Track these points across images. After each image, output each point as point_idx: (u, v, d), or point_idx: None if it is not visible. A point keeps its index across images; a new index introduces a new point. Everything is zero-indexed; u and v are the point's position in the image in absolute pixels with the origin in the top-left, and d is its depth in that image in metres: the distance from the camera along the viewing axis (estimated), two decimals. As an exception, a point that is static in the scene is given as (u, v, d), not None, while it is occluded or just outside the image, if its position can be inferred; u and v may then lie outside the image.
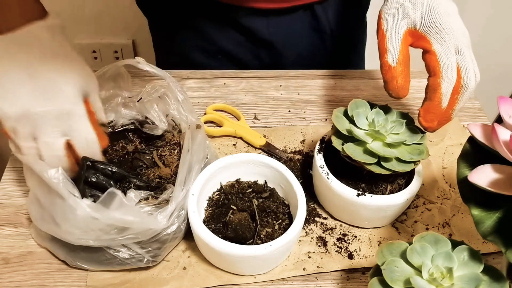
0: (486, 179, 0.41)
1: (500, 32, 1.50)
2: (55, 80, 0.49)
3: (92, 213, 0.48)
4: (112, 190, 0.49)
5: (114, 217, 0.48)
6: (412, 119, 0.60)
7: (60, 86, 0.50)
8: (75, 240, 0.50)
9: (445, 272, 0.42)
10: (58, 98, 0.49)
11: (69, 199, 0.48)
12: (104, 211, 0.48)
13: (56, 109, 0.49)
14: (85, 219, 0.49)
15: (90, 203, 0.49)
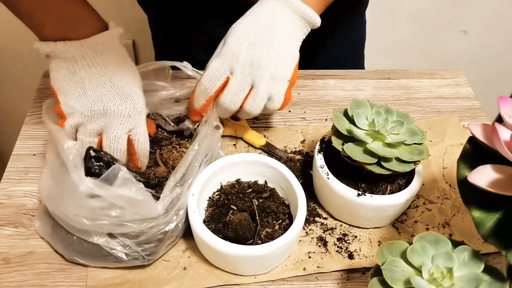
0: (486, 180, 0.41)
1: (500, 32, 1.50)
2: (128, 83, 0.55)
3: (96, 190, 0.49)
4: (117, 165, 0.50)
5: (116, 193, 0.49)
6: (412, 119, 0.60)
7: (133, 88, 0.56)
8: (73, 216, 0.51)
9: (445, 272, 0.42)
10: (133, 99, 0.55)
11: (73, 174, 0.50)
12: (107, 188, 0.49)
13: (132, 108, 0.55)
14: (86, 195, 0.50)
15: (93, 180, 0.50)
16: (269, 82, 0.59)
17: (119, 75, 0.55)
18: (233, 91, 0.59)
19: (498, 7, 1.43)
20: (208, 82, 0.59)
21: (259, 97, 0.59)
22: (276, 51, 0.59)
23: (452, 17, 1.45)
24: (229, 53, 0.58)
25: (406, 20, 1.44)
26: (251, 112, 0.60)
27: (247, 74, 0.58)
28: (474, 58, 1.55)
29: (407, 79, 0.84)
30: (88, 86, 0.54)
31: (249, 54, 0.58)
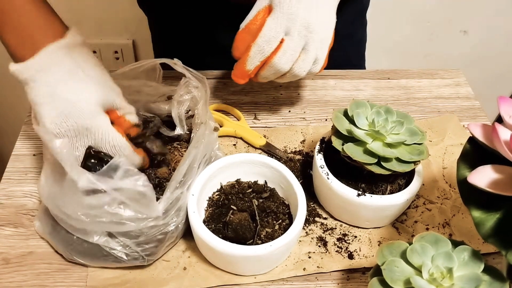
0: (486, 180, 0.41)
1: (500, 32, 1.50)
2: (70, 100, 0.52)
3: (96, 184, 0.49)
4: (117, 158, 0.50)
5: (118, 185, 0.49)
6: (412, 119, 0.60)
7: (75, 104, 0.52)
8: (72, 214, 0.50)
9: (445, 272, 0.42)
10: (73, 117, 0.52)
11: (72, 170, 0.49)
12: (108, 181, 0.49)
13: (74, 128, 0.52)
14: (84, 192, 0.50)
15: (94, 173, 0.49)
16: (318, 45, 0.60)
17: (63, 94, 0.52)
18: (289, 52, 0.58)
19: (498, 7, 1.43)
20: (265, 42, 0.58)
21: (309, 60, 0.60)
22: (326, 15, 0.60)
23: (452, 17, 1.45)
24: (286, 12, 0.57)
25: (406, 20, 1.44)
26: (299, 73, 0.61)
27: (303, 36, 0.58)
28: (474, 58, 1.55)
29: (407, 79, 0.84)
30: (37, 108, 0.52)
31: (306, 17, 0.57)
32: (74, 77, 0.53)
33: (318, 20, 0.58)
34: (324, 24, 0.60)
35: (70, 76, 0.53)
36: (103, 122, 0.53)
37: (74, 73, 0.53)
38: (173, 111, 0.61)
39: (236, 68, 0.61)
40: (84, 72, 0.53)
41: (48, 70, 0.52)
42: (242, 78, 0.61)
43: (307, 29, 0.58)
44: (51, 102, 0.51)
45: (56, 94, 0.52)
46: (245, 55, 0.59)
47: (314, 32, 0.58)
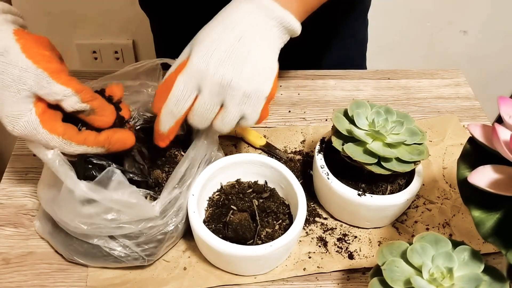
0: (486, 180, 0.41)
1: (500, 32, 1.50)
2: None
3: (90, 194, 0.48)
4: (110, 168, 0.49)
5: (111, 197, 0.48)
6: (412, 119, 0.60)
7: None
8: (70, 222, 0.50)
9: (446, 272, 0.42)
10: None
11: (66, 180, 0.49)
12: (102, 191, 0.49)
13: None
14: (81, 201, 0.49)
15: (87, 184, 0.49)
16: (242, 101, 0.52)
17: None
18: (200, 112, 0.52)
19: (498, 7, 1.43)
20: (174, 105, 0.52)
21: (229, 118, 0.53)
22: (251, 67, 0.51)
23: (452, 17, 1.45)
24: (195, 69, 0.51)
25: (406, 20, 1.44)
26: (220, 131, 0.54)
27: (215, 94, 0.51)
28: (474, 58, 1.55)
29: (407, 79, 0.84)
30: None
31: (218, 72, 0.50)
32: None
33: (239, 73, 0.51)
34: (251, 77, 0.51)
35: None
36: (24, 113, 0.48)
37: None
38: None
39: (155, 131, 0.55)
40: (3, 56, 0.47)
41: None
42: (162, 141, 0.55)
43: (221, 86, 0.50)
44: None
45: None
46: (157, 118, 0.54)
47: (231, 88, 0.51)
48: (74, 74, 0.78)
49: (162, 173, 0.58)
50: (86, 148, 0.51)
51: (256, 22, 0.53)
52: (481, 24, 1.47)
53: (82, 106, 0.49)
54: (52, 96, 0.47)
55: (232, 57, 0.51)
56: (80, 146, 0.50)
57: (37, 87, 0.47)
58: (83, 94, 0.49)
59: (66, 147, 0.50)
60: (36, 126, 0.48)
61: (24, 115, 0.47)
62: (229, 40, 0.51)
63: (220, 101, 0.52)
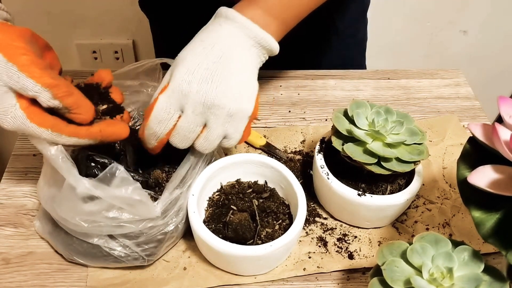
0: (486, 180, 0.41)
1: (500, 32, 1.50)
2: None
3: (93, 190, 0.48)
4: (114, 165, 0.49)
5: (114, 194, 0.48)
6: (412, 119, 0.60)
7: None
8: (71, 219, 0.50)
9: (446, 272, 0.42)
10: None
11: (69, 177, 0.49)
12: (105, 188, 0.49)
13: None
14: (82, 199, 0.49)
15: (90, 180, 0.49)
16: (226, 120, 0.52)
17: None
18: (182, 133, 0.52)
19: (498, 7, 1.43)
20: (157, 126, 0.52)
21: (212, 138, 0.53)
22: (234, 85, 0.51)
23: (452, 17, 1.45)
24: (177, 89, 0.50)
25: (406, 20, 1.44)
26: (202, 151, 0.54)
27: (199, 114, 0.51)
28: (474, 58, 1.55)
29: (407, 79, 0.84)
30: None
31: (201, 91, 0.50)
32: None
33: (223, 93, 0.51)
34: (234, 96, 0.51)
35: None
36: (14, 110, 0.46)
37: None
38: None
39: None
40: None
41: None
42: (152, 151, 0.55)
43: (204, 105, 0.50)
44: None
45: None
46: (141, 132, 0.54)
47: (215, 108, 0.50)
48: (74, 74, 0.79)
49: (162, 173, 0.58)
50: (78, 140, 0.49)
51: (235, 42, 0.53)
52: (481, 24, 1.47)
53: (54, 103, 0.47)
54: (25, 91, 0.45)
55: (214, 76, 0.51)
56: (71, 138, 0.49)
57: (10, 82, 0.45)
58: (55, 89, 0.46)
59: (57, 139, 0.48)
60: (24, 121, 0.47)
61: (9, 110, 0.46)
62: (210, 59, 0.51)
63: (203, 121, 0.52)
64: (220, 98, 0.51)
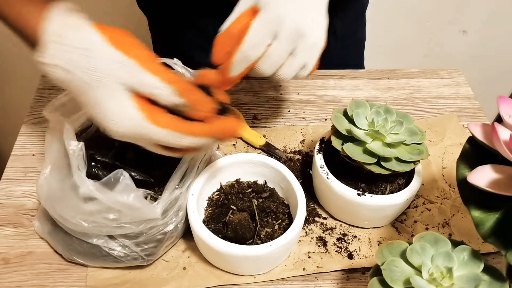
0: (486, 180, 0.41)
1: (500, 32, 1.50)
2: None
3: (95, 193, 0.48)
4: (119, 170, 0.49)
5: (115, 198, 0.48)
6: (411, 119, 0.60)
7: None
8: (71, 219, 0.50)
9: (445, 272, 0.42)
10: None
11: (75, 174, 0.49)
12: (107, 192, 0.49)
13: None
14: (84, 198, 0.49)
15: (94, 182, 0.49)
16: (309, 49, 0.53)
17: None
18: (274, 58, 0.52)
19: (498, 7, 1.43)
20: (250, 48, 0.51)
21: (295, 66, 0.54)
22: (318, 16, 0.54)
23: (452, 17, 1.45)
24: (274, 15, 0.50)
25: (406, 20, 1.44)
26: (283, 79, 0.54)
27: (291, 41, 0.52)
28: (473, 58, 1.55)
29: (407, 79, 0.84)
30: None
31: (296, 19, 0.51)
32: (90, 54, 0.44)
33: (310, 22, 0.53)
34: (316, 27, 0.54)
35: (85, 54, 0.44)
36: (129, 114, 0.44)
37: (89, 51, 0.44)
38: None
39: (220, 74, 0.54)
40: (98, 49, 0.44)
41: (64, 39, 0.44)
42: (226, 85, 0.54)
43: (297, 32, 0.52)
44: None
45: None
46: (228, 62, 0.52)
47: (305, 36, 0.52)
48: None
49: (162, 173, 0.58)
50: (199, 139, 0.47)
51: None
52: (481, 24, 1.47)
53: (174, 100, 0.45)
54: (145, 88, 0.44)
55: (305, 5, 0.52)
56: (192, 137, 0.46)
57: (131, 79, 0.43)
58: (177, 85, 0.45)
59: (179, 140, 0.46)
60: (142, 122, 0.44)
61: (127, 112, 0.44)
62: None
63: (292, 48, 0.52)
64: (310, 27, 0.52)
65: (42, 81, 0.77)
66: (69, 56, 0.43)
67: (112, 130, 0.45)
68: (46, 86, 0.76)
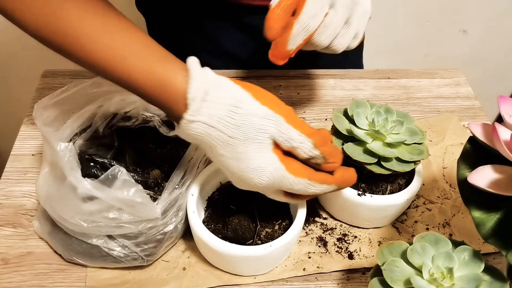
0: (486, 180, 0.41)
1: (500, 32, 1.50)
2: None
3: (94, 192, 0.48)
4: (116, 167, 0.49)
5: (115, 195, 0.48)
6: (412, 119, 0.60)
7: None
8: (70, 219, 0.50)
9: (446, 272, 0.42)
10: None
11: (70, 175, 0.49)
12: (106, 190, 0.49)
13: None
14: (82, 198, 0.49)
15: (92, 181, 0.49)
16: (361, 18, 0.54)
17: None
18: (332, 28, 0.52)
19: (498, 7, 1.43)
20: (310, 18, 0.50)
21: (350, 34, 0.54)
22: None
23: (452, 17, 1.45)
24: None
25: (406, 20, 1.44)
26: (337, 50, 0.55)
27: (348, 9, 0.52)
28: (474, 58, 1.55)
29: (407, 78, 0.84)
30: None
31: None
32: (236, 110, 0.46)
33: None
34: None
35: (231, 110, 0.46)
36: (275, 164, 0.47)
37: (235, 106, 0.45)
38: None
39: (275, 48, 0.53)
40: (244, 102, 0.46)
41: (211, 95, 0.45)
42: (282, 59, 0.53)
43: (353, 0, 0.52)
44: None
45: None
46: (286, 34, 0.51)
47: (358, 4, 0.53)
48: (74, 74, 0.79)
49: (161, 173, 0.58)
50: (327, 187, 0.49)
51: None
52: (481, 24, 1.47)
53: (315, 153, 0.47)
54: (289, 142, 0.46)
55: None
56: (322, 185, 0.49)
57: (276, 133, 0.46)
58: (315, 138, 0.47)
59: (311, 188, 0.48)
60: (283, 173, 0.46)
61: (274, 164, 0.46)
62: None
63: (347, 16, 0.53)
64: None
65: (42, 81, 0.77)
66: (214, 112, 0.45)
67: (256, 181, 0.47)
68: (46, 86, 0.76)
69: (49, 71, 0.78)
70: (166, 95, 0.46)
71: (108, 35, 0.46)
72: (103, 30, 0.46)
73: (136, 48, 0.47)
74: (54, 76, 0.78)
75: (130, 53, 0.46)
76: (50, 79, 0.77)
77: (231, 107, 0.45)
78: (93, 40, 0.45)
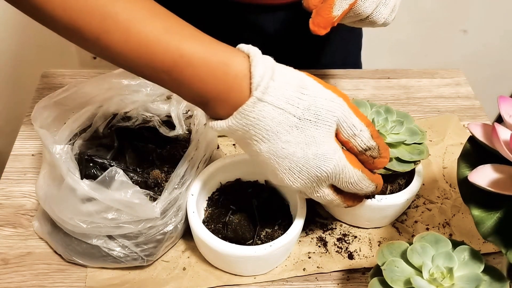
0: (486, 179, 0.41)
1: (500, 32, 1.50)
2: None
3: (92, 193, 0.48)
4: (113, 168, 0.49)
5: (113, 197, 0.48)
6: (412, 118, 0.60)
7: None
8: (69, 220, 0.50)
9: (446, 272, 0.42)
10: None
11: (67, 177, 0.49)
12: (104, 191, 0.49)
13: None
14: (81, 200, 0.49)
15: (89, 183, 0.49)
16: None
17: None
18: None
19: (498, 7, 1.43)
20: None
21: (391, 5, 0.53)
22: None
23: (452, 17, 1.45)
24: None
25: (406, 20, 1.44)
26: (377, 20, 0.53)
27: None
28: (474, 58, 1.55)
29: (407, 78, 0.84)
30: None
31: None
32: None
33: None
34: None
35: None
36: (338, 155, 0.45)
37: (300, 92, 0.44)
38: (172, 111, 0.61)
39: (319, 15, 0.50)
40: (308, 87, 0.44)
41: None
42: (325, 28, 0.51)
43: None
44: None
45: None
46: (330, 1, 0.49)
47: None
48: (74, 74, 0.79)
49: (161, 173, 0.58)
50: (372, 185, 0.48)
51: None
52: (481, 24, 1.47)
53: (372, 144, 0.45)
54: (351, 129, 0.44)
55: None
56: (369, 182, 0.47)
57: (342, 118, 0.44)
58: (372, 129, 0.45)
59: (361, 182, 0.47)
60: (345, 162, 0.44)
61: (336, 151, 0.44)
62: None
63: None
64: None
65: (42, 82, 0.77)
66: (283, 92, 0.42)
67: (322, 169, 0.44)
68: (46, 86, 0.76)
69: (49, 71, 0.78)
70: (226, 78, 0.42)
71: (159, 19, 0.42)
72: (152, 14, 0.42)
73: (190, 32, 0.44)
74: (54, 76, 0.78)
75: (185, 37, 0.43)
76: (50, 79, 0.77)
77: (299, 88, 0.43)
78: (143, 23, 0.41)
